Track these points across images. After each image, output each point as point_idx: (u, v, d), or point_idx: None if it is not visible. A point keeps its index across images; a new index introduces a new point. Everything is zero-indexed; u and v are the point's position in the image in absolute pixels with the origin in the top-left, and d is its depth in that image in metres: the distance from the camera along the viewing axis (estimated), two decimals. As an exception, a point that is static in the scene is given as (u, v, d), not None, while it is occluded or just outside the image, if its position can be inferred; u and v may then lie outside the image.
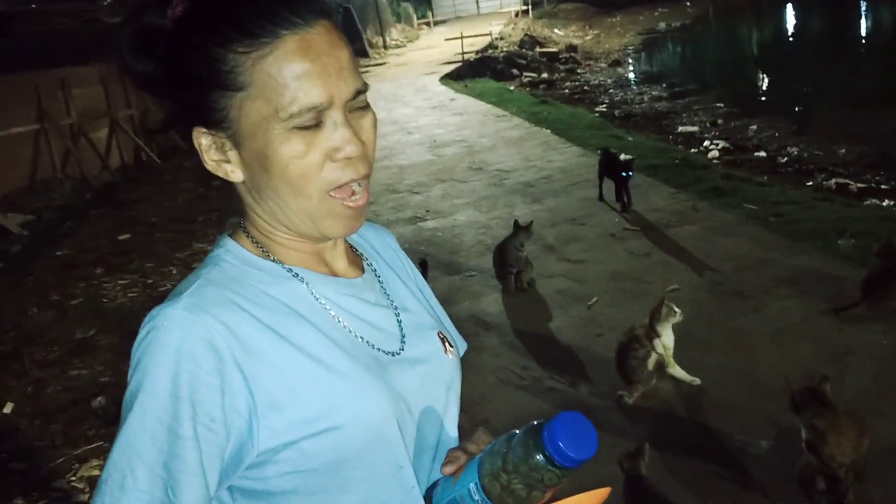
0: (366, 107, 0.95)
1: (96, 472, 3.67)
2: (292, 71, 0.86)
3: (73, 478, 3.65)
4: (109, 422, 4.11)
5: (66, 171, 10.72)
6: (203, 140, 0.93)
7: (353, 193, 0.93)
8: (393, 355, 1.00)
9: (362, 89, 0.93)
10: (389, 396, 0.94)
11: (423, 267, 4.67)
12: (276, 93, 0.87)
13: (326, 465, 0.90)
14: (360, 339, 0.97)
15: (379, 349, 0.99)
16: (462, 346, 1.18)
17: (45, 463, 3.81)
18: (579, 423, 0.85)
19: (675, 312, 3.63)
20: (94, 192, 10.40)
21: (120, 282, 6.48)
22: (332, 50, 0.89)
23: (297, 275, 0.97)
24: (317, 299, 0.97)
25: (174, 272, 6.61)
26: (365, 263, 1.10)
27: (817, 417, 2.71)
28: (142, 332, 0.87)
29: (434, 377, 1.05)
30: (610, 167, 6.63)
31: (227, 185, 0.96)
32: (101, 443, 3.91)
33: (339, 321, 0.97)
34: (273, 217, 0.96)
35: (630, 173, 6.33)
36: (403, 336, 1.04)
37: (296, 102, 0.86)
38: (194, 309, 0.86)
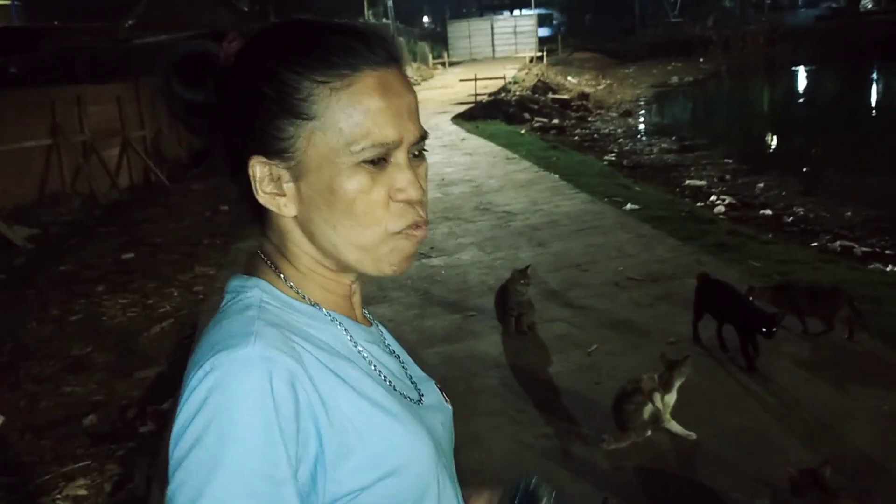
0: (422, 155, 0.95)
1: (82, 492, 3.64)
2: (369, 106, 0.87)
3: (59, 496, 3.62)
4: (99, 441, 4.08)
5: (75, 187, 10.80)
6: (258, 170, 0.90)
7: (417, 226, 0.92)
8: (416, 403, 1.00)
9: (425, 136, 0.93)
10: (434, 442, 0.94)
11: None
12: (350, 125, 0.86)
13: None
14: (391, 386, 0.97)
15: (407, 396, 0.98)
16: None
17: (32, 478, 3.78)
18: None
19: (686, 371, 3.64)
20: (102, 210, 10.45)
21: (120, 300, 6.48)
22: (405, 93, 0.91)
23: (335, 319, 0.95)
24: (355, 345, 0.95)
25: (175, 294, 6.61)
26: (365, 314, 1.09)
27: (816, 502, 2.67)
28: (207, 378, 0.79)
29: (448, 425, 1.06)
30: (717, 302, 4.59)
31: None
32: (89, 462, 3.88)
33: (374, 367, 0.96)
34: (324, 254, 0.94)
35: (774, 329, 4.18)
36: (416, 385, 1.04)
37: (369, 137, 0.87)
38: (270, 349, 0.81)
